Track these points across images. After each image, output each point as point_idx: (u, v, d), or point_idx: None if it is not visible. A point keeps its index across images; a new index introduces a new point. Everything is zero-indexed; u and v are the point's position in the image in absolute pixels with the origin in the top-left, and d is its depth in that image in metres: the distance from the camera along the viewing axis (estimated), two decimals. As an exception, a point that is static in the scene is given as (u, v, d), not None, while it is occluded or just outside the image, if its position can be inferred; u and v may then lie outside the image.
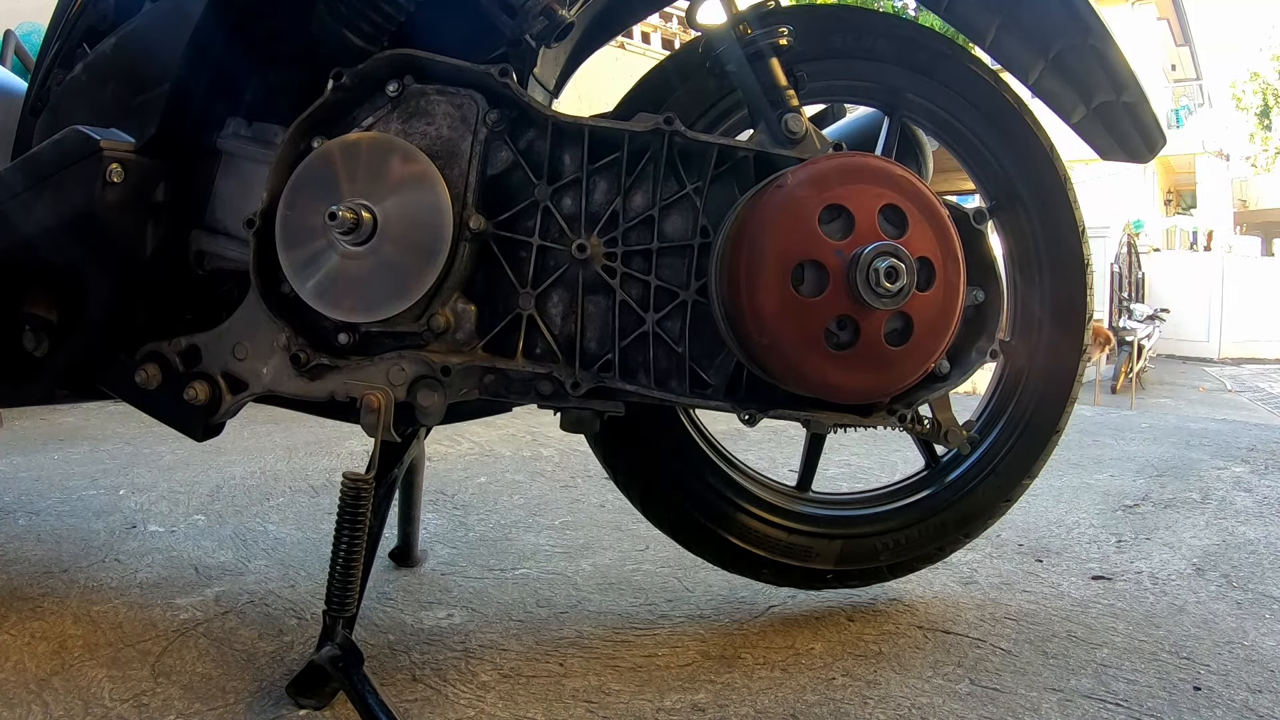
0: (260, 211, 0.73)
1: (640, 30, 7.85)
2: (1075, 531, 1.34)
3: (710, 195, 0.74)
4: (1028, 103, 0.93)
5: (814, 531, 0.95)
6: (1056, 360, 0.95)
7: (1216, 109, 19.69)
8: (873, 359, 0.49)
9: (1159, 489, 1.64)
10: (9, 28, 1.82)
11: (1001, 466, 0.97)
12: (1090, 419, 2.50)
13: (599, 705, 0.78)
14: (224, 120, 0.80)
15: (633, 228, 0.75)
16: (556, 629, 0.94)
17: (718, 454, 0.95)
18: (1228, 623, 0.97)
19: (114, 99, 0.80)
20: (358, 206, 0.71)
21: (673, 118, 0.73)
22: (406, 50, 0.74)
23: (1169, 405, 7.41)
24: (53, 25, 0.90)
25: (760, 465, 1.05)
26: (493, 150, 0.76)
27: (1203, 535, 1.32)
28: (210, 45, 0.76)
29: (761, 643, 0.91)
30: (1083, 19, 0.83)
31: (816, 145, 0.73)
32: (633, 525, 1.30)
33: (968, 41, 0.95)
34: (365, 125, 0.75)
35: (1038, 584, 1.09)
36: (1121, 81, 0.86)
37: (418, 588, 1.06)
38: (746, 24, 0.76)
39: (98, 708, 0.75)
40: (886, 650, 0.89)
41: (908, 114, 0.95)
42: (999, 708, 0.77)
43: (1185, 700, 0.79)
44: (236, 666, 0.83)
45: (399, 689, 0.80)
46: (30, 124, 0.88)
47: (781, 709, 0.77)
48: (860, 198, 0.51)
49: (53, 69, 0.87)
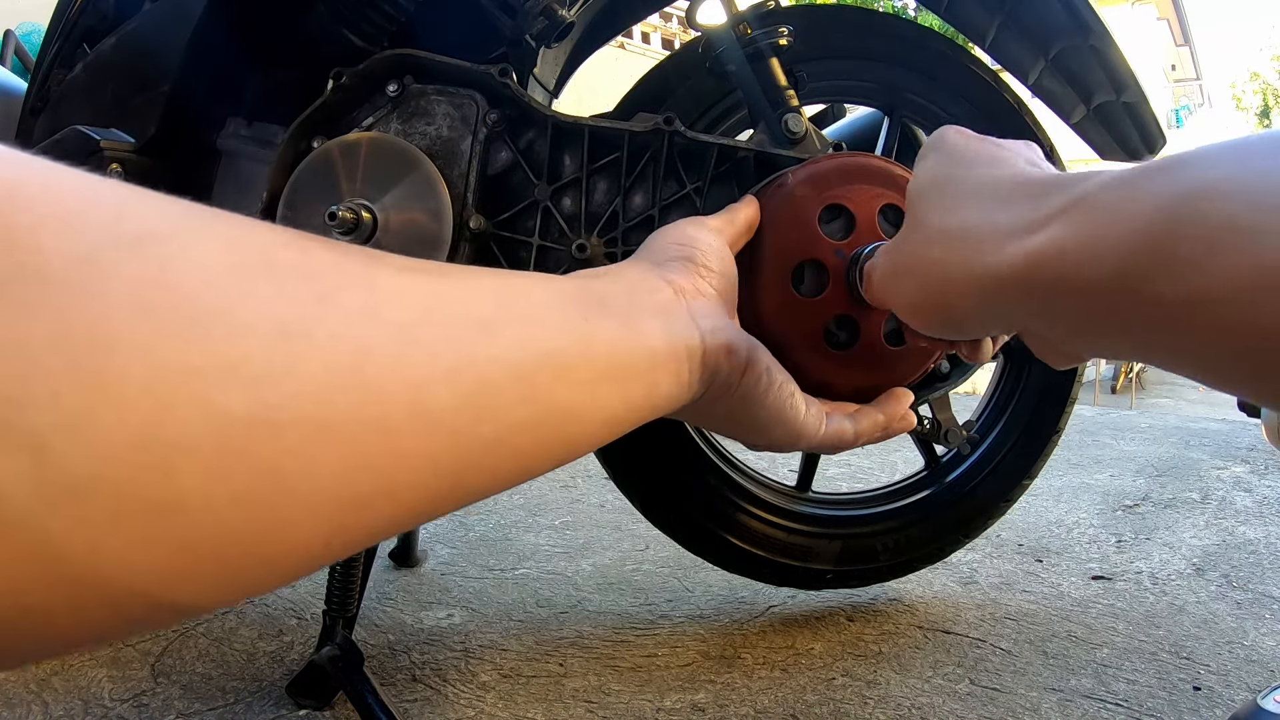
0: (260, 211, 0.73)
1: (640, 30, 7.85)
2: (1075, 531, 1.34)
3: (710, 195, 0.74)
4: (1028, 103, 0.93)
5: (813, 531, 0.95)
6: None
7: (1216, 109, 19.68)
8: (872, 359, 0.49)
9: (1159, 489, 1.64)
10: (9, 28, 1.82)
11: (1001, 467, 0.97)
12: (1090, 419, 2.50)
13: (599, 705, 0.78)
14: (224, 120, 0.80)
15: (633, 228, 0.75)
16: (556, 629, 0.94)
17: (718, 454, 0.95)
18: (1228, 623, 0.97)
19: (114, 99, 0.80)
20: (358, 206, 0.71)
21: (673, 118, 0.73)
22: (406, 50, 0.74)
23: (1169, 405, 7.41)
24: (53, 25, 0.90)
25: (760, 465, 1.05)
26: (493, 150, 0.76)
27: (1203, 535, 1.32)
28: (210, 45, 0.76)
29: (761, 643, 0.91)
30: (1082, 19, 0.83)
31: (816, 145, 0.73)
32: (633, 525, 1.30)
33: (967, 41, 0.95)
34: (365, 125, 0.75)
35: (1038, 584, 1.09)
36: (1121, 81, 0.86)
37: (418, 588, 1.06)
38: (746, 24, 0.76)
39: (98, 708, 0.75)
40: (886, 650, 0.89)
41: (908, 114, 0.95)
42: (999, 708, 0.77)
43: (1185, 700, 0.79)
44: (236, 666, 0.83)
45: (399, 689, 0.80)
46: (30, 124, 0.88)
47: (781, 709, 0.77)
48: (861, 198, 0.51)
49: (53, 69, 0.87)
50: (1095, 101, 0.89)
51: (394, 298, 0.24)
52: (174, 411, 0.17)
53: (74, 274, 0.16)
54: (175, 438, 0.17)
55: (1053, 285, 0.29)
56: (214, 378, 0.18)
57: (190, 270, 0.18)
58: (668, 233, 0.46)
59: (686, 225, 0.46)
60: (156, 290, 0.17)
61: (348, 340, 0.21)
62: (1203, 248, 0.24)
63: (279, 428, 0.19)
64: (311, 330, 0.20)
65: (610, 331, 0.32)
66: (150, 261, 0.18)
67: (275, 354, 0.19)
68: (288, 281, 0.21)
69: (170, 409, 0.17)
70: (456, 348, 0.24)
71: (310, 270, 0.22)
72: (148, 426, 0.16)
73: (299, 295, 0.21)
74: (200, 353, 0.18)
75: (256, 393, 0.18)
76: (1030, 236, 0.30)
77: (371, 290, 0.23)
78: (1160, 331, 0.26)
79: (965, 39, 0.95)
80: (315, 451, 0.20)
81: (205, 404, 0.17)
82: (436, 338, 0.24)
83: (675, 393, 0.36)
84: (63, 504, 0.15)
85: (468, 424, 0.24)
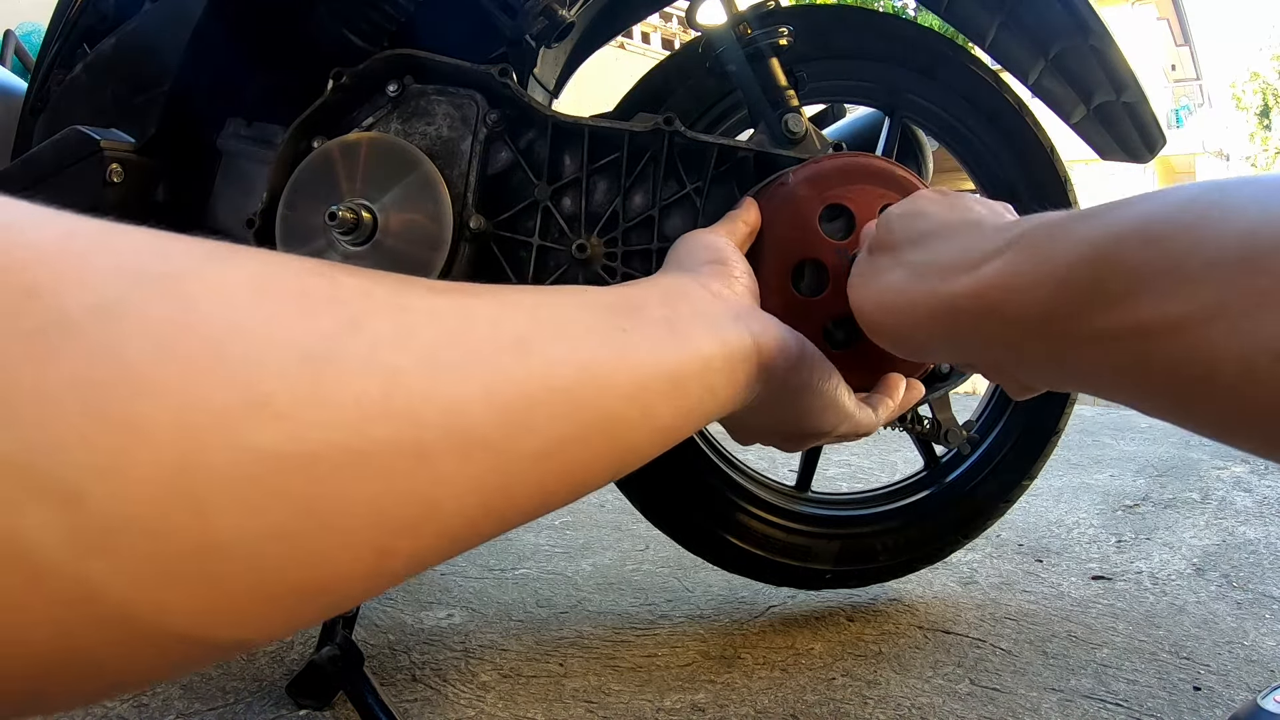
0: (260, 211, 0.73)
1: (640, 30, 7.86)
2: (1075, 531, 1.34)
3: (710, 195, 0.74)
4: (1028, 103, 0.93)
5: (812, 531, 0.95)
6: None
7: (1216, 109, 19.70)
8: (871, 358, 0.49)
9: (1159, 489, 1.64)
10: (9, 28, 1.82)
11: (1001, 467, 0.97)
12: (1090, 419, 2.50)
13: (599, 705, 0.78)
14: (224, 120, 0.80)
15: (633, 228, 0.75)
16: (556, 629, 0.94)
17: (717, 454, 0.95)
18: (1228, 623, 0.97)
19: (114, 99, 0.80)
20: (358, 206, 0.71)
21: (673, 118, 0.73)
22: (406, 50, 0.74)
23: (1169, 405, 7.41)
24: (53, 25, 0.90)
25: (760, 465, 1.05)
26: (493, 150, 0.76)
27: (1203, 535, 1.32)
28: (210, 45, 0.76)
29: (761, 643, 0.91)
30: (1082, 19, 0.83)
31: (816, 145, 0.73)
32: (633, 525, 1.30)
33: (967, 41, 0.95)
34: (365, 125, 0.75)
35: (1038, 584, 1.09)
36: (1121, 81, 0.86)
37: (418, 588, 1.06)
38: (747, 24, 0.76)
39: (97, 707, 0.75)
40: (886, 650, 0.89)
41: (908, 114, 0.95)
42: (999, 708, 0.77)
43: (1185, 700, 0.79)
44: (236, 666, 0.83)
45: (399, 689, 0.80)
46: (30, 124, 0.88)
47: (781, 709, 0.77)
48: (863, 198, 0.51)
49: (53, 69, 0.87)
50: (1095, 101, 0.89)
51: (425, 321, 0.23)
52: (204, 451, 0.17)
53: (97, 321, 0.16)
54: (207, 478, 0.17)
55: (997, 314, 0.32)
56: (242, 414, 0.18)
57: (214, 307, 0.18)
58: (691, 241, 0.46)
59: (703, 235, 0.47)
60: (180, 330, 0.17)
61: (378, 367, 0.21)
62: (1123, 285, 0.26)
63: (311, 460, 0.18)
64: (340, 359, 0.20)
65: (652, 340, 0.32)
66: (173, 301, 0.18)
67: (303, 386, 0.19)
68: (315, 311, 0.21)
69: (200, 448, 0.17)
70: (492, 366, 0.24)
71: (338, 298, 0.22)
72: (179, 468, 0.16)
73: (327, 324, 0.21)
74: (227, 390, 0.17)
75: (286, 427, 0.18)
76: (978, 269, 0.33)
77: (402, 315, 0.23)
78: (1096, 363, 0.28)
79: (965, 39, 0.95)
80: (349, 482, 0.19)
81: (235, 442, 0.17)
82: (470, 358, 0.24)
83: (731, 395, 0.36)
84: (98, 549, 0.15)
85: (509, 442, 0.24)
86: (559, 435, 0.26)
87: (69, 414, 0.15)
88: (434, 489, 0.22)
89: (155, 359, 0.17)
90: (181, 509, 0.16)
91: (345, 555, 0.20)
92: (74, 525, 0.15)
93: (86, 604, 0.16)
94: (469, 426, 0.22)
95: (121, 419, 0.16)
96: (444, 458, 0.22)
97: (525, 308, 0.28)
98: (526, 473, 0.25)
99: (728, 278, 0.42)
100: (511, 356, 0.25)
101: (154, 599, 0.16)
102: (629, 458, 0.30)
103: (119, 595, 0.16)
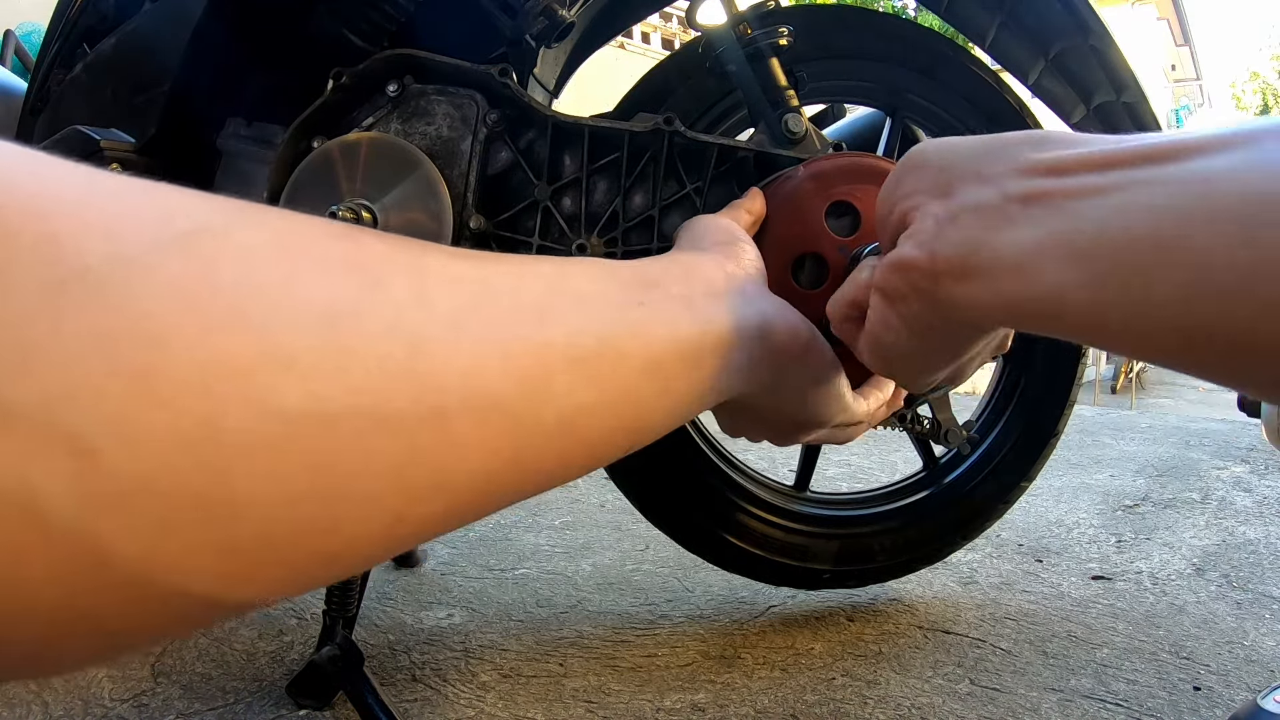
0: (260, 211, 0.73)
1: (640, 30, 7.86)
2: (1075, 531, 1.34)
3: (710, 195, 0.74)
4: (1028, 103, 0.93)
5: (811, 531, 0.95)
6: (1055, 361, 0.95)
7: (1216, 109, 19.69)
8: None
9: (1159, 489, 1.64)
10: (9, 28, 1.82)
11: (1000, 468, 0.97)
12: (1090, 419, 2.50)
13: (599, 705, 0.78)
14: (224, 120, 0.80)
15: (633, 228, 0.76)
16: (556, 629, 0.94)
17: (717, 453, 0.95)
18: (1228, 623, 0.97)
19: (114, 99, 0.80)
20: (357, 206, 0.71)
21: (673, 118, 0.73)
22: (406, 50, 0.74)
23: (1169, 405, 7.41)
24: (53, 25, 0.90)
25: (759, 465, 1.05)
26: (493, 150, 0.76)
27: (1203, 535, 1.33)
28: (210, 45, 0.76)
29: (761, 643, 0.91)
30: (1082, 19, 0.83)
31: (816, 145, 0.74)
32: (633, 525, 1.30)
33: (968, 42, 0.95)
34: (365, 125, 0.75)
35: (1038, 584, 1.09)
36: (1121, 81, 0.86)
37: (418, 588, 1.06)
38: (747, 24, 0.76)
39: (98, 708, 0.75)
40: (886, 650, 0.89)
41: (909, 114, 0.95)
42: (999, 708, 0.77)
43: (1185, 700, 0.79)
44: (236, 666, 0.83)
45: (399, 689, 0.80)
46: (30, 124, 0.88)
47: (781, 709, 0.77)
48: (869, 198, 0.51)
49: (53, 69, 0.87)
50: (1095, 102, 0.89)
51: (445, 286, 0.23)
52: (225, 409, 0.16)
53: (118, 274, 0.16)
54: (228, 437, 0.16)
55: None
56: (265, 373, 0.17)
57: (238, 264, 0.18)
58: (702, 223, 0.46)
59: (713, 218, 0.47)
60: (203, 285, 0.17)
61: (400, 330, 0.21)
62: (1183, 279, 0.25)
63: (332, 422, 0.18)
64: (363, 321, 0.20)
65: (670, 315, 0.31)
66: (197, 257, 0.17)
67: (327, 346, 0.19)
68: (338, 272, 0.20)
69: (221, 406, 0.16)
70: (511, 334, 0.24)
71: (361, 261, 0.21)
72: (199, 426, 0.16)
73: (350, 286, 0.20)
74: (250, 347, 0.17)
75: (309, 386, 0.18)
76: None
77: (423, 279, 0.23)
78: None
79: (965, 39, 0.95)
80: (369, 444, 0.19)
81: (257, 400, 0.17)
82: (489, 324, 0.24)
83: (745, 371, 0.36)
84: (111, 508, 0.15)
85: (526, 410, 0.24)
86: (576, 404, 0.26)
87: (85, 364, 0.15)
88: (449, 455, 0.21)
89: (176, 313, 0.16)
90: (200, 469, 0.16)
91: (361, 520, 0.20)
92: (87, 481, 0.15)
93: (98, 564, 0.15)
94: (487, 392, 0.22)
95: (138, 371, 0.15)
96: (461, 422, 0.22)
97: (545, 277, 0.28)
98: (545, 440, 0.25)
99: (740, 259, 0.42)
100: (531, 325, 0.25)
101: (170, 561, 0.16)
102: (644, 431, 0.30)
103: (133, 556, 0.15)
